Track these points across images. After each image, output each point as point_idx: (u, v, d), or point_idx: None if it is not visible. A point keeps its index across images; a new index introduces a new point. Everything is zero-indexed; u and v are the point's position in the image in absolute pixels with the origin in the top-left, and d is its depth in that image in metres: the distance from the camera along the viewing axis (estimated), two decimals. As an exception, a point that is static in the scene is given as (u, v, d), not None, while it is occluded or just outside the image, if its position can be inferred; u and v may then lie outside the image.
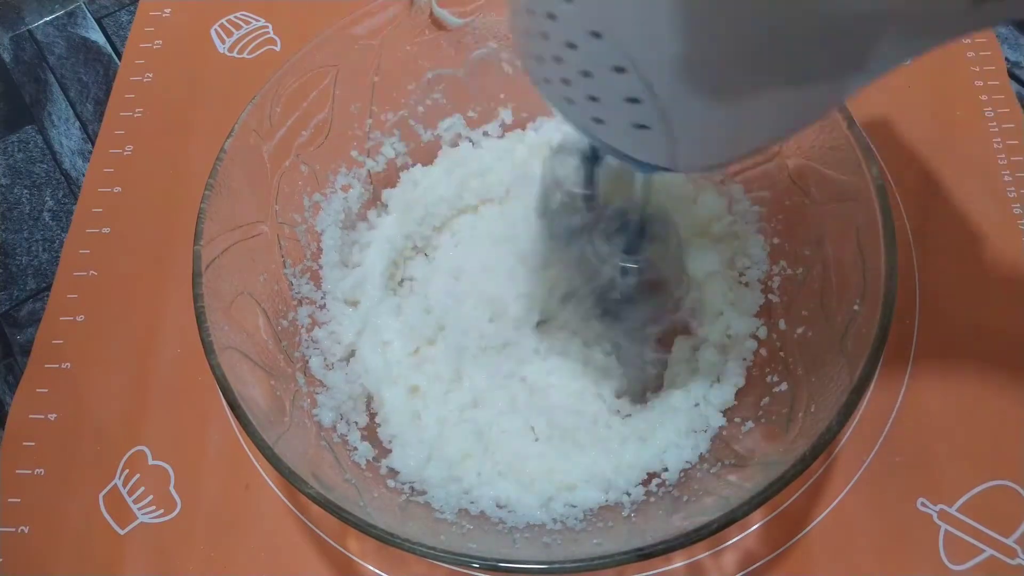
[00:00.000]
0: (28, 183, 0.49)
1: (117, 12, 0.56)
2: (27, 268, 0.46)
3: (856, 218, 0.32)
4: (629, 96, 0.21)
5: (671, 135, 0.22)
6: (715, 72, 0.21)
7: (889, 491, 0.36)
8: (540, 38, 0.22)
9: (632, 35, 0.20)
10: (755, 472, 0.29)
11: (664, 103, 0.21)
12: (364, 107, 0.41)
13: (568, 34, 0.21)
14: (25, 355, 0.43)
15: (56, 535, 0.37)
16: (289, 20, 0.53)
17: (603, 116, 0.23)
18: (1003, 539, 0.35)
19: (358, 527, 0.27)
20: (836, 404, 0.28)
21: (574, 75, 0.22)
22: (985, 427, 0.37)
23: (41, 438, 0.40)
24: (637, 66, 0.21)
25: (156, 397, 0.41)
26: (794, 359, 0.34)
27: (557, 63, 0.22)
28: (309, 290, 0.38)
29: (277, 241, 0.37)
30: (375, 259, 0.41)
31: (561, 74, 0.23)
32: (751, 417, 0.34)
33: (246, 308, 0.34)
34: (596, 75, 0.22)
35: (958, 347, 0.39)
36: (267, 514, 0.37)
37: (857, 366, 0.28)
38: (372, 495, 0.31)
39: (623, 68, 0.21)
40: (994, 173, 0.44)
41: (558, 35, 0.22)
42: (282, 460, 0.28)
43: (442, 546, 0.27)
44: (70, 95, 0.53)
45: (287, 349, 0.35)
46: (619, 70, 0.21)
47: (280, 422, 0.31)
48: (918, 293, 0.40)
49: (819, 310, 0.34)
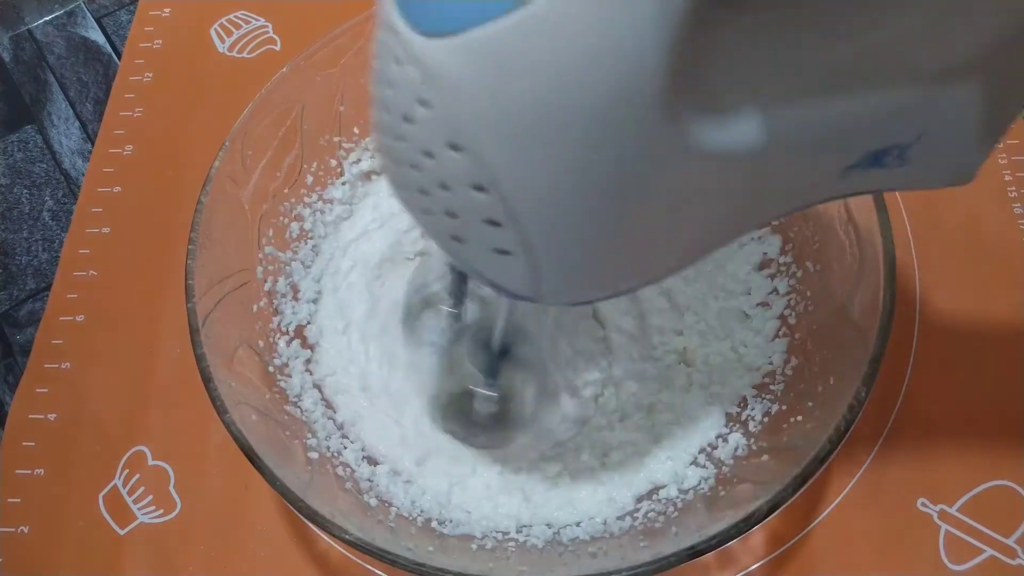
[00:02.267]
0: (28, 183, 0.49)
1: (117, 12, 0.56)
2: (27, 268, 0.46)
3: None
4: (489, 218, 0.19)
5: (534, 266, 0.20)
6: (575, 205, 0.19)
7: (889, 491, 0.36)
8: (396, 140, 0.20)
9: (493, 152, 0.18)
10: (789, 452, 0.29)
11: (527, 231, 0.19)
12: (332, 139, 0.41)
13: (425, 142, 0.19)
14: (25, 355, 0.43)
15: (56, 535, 0.37)
16: (289, 20, 0.53)
17: (462, 235, 0.21)
18: (1003, 539, 0.35)
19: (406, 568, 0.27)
20: (857, 372, 0.28)
21: (431, 185, 0.20)
22: (985, 427, 0.37)
23: (41, 438, 0.40)
24: (498, 187, 0.18)
25: (156, 397, 0.41)
26: (801, 334, 0.34)
27: (414, 170, 0.20)
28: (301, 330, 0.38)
29: (266, 286, 0.37)
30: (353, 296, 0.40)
31: (418, 183, 0.20)
32: (768, 399, 0.34)
33: (247, 360, 0.34)
34: (454, 190, 0.19)
35: (958, 347, 0.39)
36: (267, 514, 0.37)
37: (870, 331, 0.28)
38: (410, 532, 0.31)
39: (483, 187, 0.19)
40: (994, 173, 0.44)
41: (415, 140, 0.19)
42: (319, 512, 0.27)
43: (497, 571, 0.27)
44: (70, 95, 0.53)
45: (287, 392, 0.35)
46: (479, 188, 0.19)
47: (303, 471, 0.31)
48: (918, 293, 0.40)
49: (818, 283, 0.34)
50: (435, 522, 0.33)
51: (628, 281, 0.23)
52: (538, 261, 0.20)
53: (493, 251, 0.20)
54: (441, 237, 0.22)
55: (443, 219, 0.20)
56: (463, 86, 0.17)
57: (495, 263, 0.21)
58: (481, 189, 0.19)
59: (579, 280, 0.22)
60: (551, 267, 0.21)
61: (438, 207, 0.20)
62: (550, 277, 0.21)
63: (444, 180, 0.19)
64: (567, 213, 0.19)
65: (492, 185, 0.18)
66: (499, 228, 0.19)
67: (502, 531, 0.33)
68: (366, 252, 0.41)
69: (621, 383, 0.37)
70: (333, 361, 0.38)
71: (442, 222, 0.21)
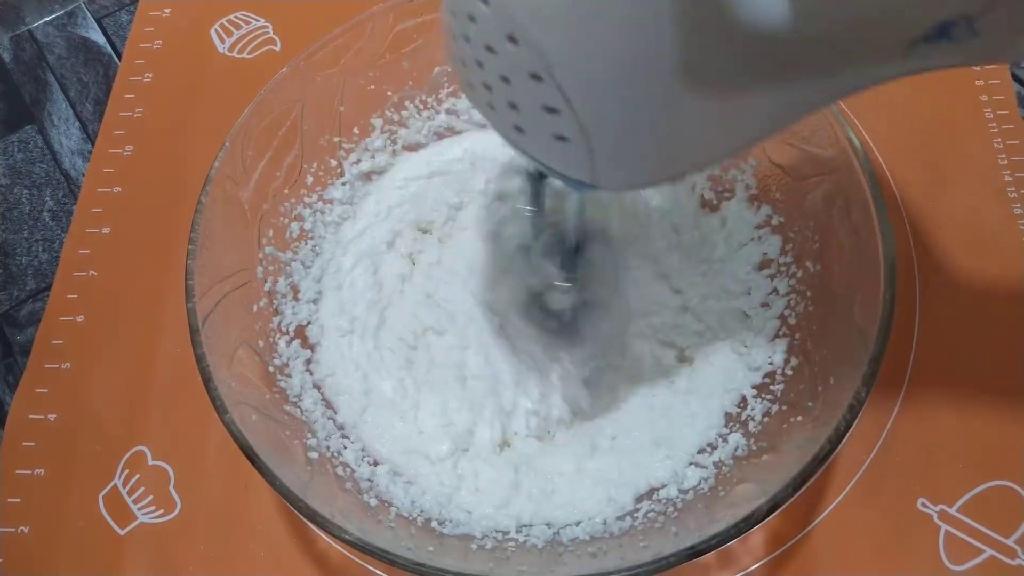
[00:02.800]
0: (28, 183, 0.49)
1: (117, 12, 0.56)
2: (27, 268, 0.46)
3: (843, 189, 0.32)
4: (547, 105, 0.21)
5: (590, 149, 0.22)
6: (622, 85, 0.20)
7: (889, 491, 0.36)
8: (463, 40, 0.22)
9: (546, 41, 0.20)
10: (789, 452, 0.29)
11: (581, 115, 0.21)
12: (332, 139, 0.41)
13: (487, 37, 0.21)
14: (25, 355, 0.43)
15: (56, 535, 0.37)
16: (289, 20, 0.53)
17: (523, 125, 0.23)
18: (1003, 539, 0.35)
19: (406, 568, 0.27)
20: (857, 372, 0.28)
21: (494, 80, 0.22)
22: (985, 427, 0.37)
23: (41, 438, 0.40)
24: (553, 74, 0.20)
25: (156, 397, 0.41)
26: (801, 334, 0.34)
27: (479, 67, 0.22)
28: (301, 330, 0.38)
29: (266, 286, 0.37)
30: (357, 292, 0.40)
31: (483, 78, 0.22)
32: (768, 399, 0.34)
33: (247, 360, 0.34)
34: (514, 81, 0.21)
35: (958, 347, 0.39)
36: (267, 514, 0.37)
37: (870, 332, 0.29)
38: (410, 532, 0.31)
39: (539, 76, 0.20)
40: (994, 173, 0.44)
41: (478, 38, 0.21)
42: (319, 512, 0.28)
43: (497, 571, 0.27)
44: (70, 95, 0.53)
45: (287, 392, 0.35)
46: (536, 77, 0.21)
47: (303, 471, 0.31)
48: (918, 293, 0.40)
49: (818, 284, 0.34)
50: (435, 522, 0.33)
51: (679, 164, 0.24)
52: (593, 144, 0.22)
53: (552, 137, 0.22)
54: (506, 130, 0.23)
55: (507, 111, 0.22)
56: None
57: (555, 150, 0.23)
58: (538, 78, 0.20)
59: (631, 162, 0.23)
60: (605, 150, 0.22)
61: (502, 100, 0.22)
62: (604, 160, 0.22)
63: (505, 72, 0.21)
64: (616, 96, 0.21)
65: (547, 73, 0.20)
66: (556, 115, 0.21)
67: (502, 531, 0.33)
68: (367, 252, 0.41)
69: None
70: (333, 361, 0.38)
71: (507, 115, 0.22)
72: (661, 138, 0.22)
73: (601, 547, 0.31)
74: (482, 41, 0.21)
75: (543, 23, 0.20)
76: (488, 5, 0.20)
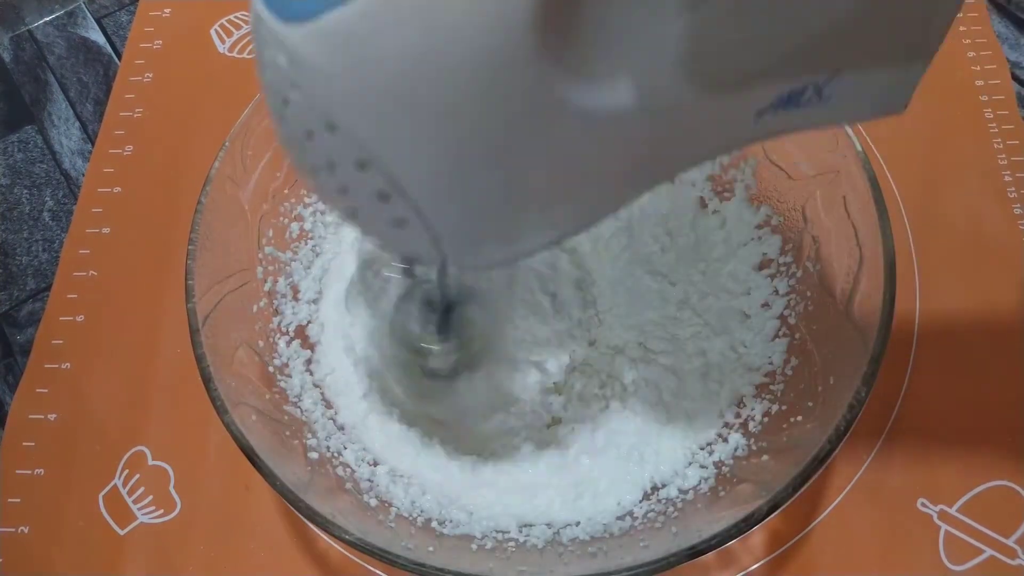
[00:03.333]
0: (28, 183, 0.49)
1: (117, 12, 0.56)
2: (27, 268, 0.46)
3: (843, 189, 0.32)
4: (377, 192, 0.19)
5: (433, 233, 0.20)
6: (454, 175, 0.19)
7: (889, 491, 0.36)
8: (281, 121, 0.20)
9: (366, 131, 0.18)
10: (789, 452, 0.29)
11: (417, 200, 0.19)
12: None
13: (303, 123, 0.19)
14: (25, 355, 0.43)
15: (56, 535, 0.37)
16: (289, 20, 0.53)
17: (357, 210, 0.21)
18: (1003, 539, 0.35)
19: (406, 568, 0.27)
20: (857, 372, 0.28)
21: (319, 165, 0.20)
22: (985, 427, 0.37)
23: (41, 438, 0.40)
24: (379, 162, 0.19)
25: (156, 397, 0.41)
26: (801, 334, 0.34)
27: (301, 151, 0.20)
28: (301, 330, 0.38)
29: (266, 286, 0.37)
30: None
31: (307, 162, 0.20)
32: (768, 399, 0.34)
33: (247, 360, 0.34)
34: (339, 169, 0.19)
35: (958, 347, 0.39)
36: (267, 514, 0.37)
37: (869, 331, 0.29)
38: (410, 532, 0.31)
39: (365, 164, 0.19)
40: (994, 173, 0.44)
41: (295, 122, 0.20)
42: (319, 512, 0.27)
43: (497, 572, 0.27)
44: (70, 95, 0.53)
45: (287, 392, 0.35)
46: (361, 165, 0.19)
47: (303, 471, 0.31)
48: (918, 293, 0.40)
49: (818, 284, 0.34)
50: (435, 522, 0.33)
51: (531, 240, 0.22)
52: (434, 228, 0.20)
53: (390, 222, 0.20)
54: (342, 213, 0.22)
55: (337, 196, 0.21)
56: (325, 69, 0.17)
57: (394, 234, 0.21)
58: (364, 166, 0.19)
59: (479, 242, 0.22)
60: (448, 232, 0.21)
61: (330, 185, 0.20)
62: (450, 241, 0.21)
63: (329, 159, 0.20)
64: (451, 180, 0.19)
65: (373, 161, 0.19)
66: (389, 201, 0.20)
67: (502, 531, 0.33)
68: (367, 251, 0.41)
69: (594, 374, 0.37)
70: (334, 361, 0.38)
71: (337, 200, 0.21)
72: (507, 217, 0.21)
73: (601, 547, 0.31)
74: (300, 126, 0.19)
75: (359, 113, 0.18)
76: (300, 91, 0.19)
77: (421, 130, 0.18)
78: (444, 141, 0.18)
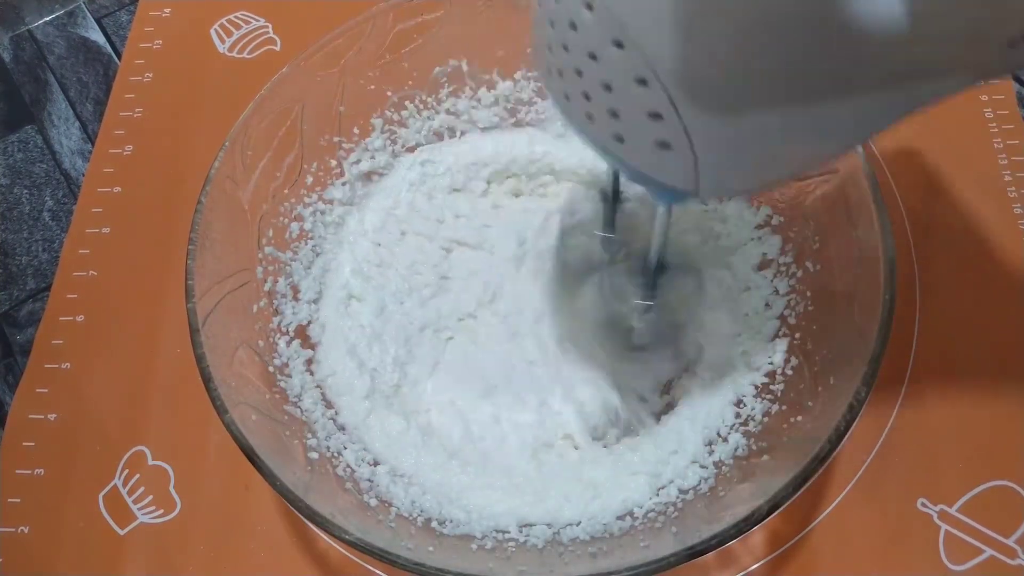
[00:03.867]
0: (28, 183, 0.49)
1: (117, 12, 0.56)
2: (27, 268, 0.46)
3: (843, 189, 0.32)
4: (651, 111, 0.21)
5: (694, 155, 0.22)
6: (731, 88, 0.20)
7: (889, 491, 0.36)
8: (561, 50, 0.22)
9: (655, 44, 0.20)
10: (789, 452, 0.29)
11: (686, 119, 0.21)
12: (332, 139, 0.41)
13: (589, 44, 0.21)
14: (25, 355, 0.43)
15: (56, 535, 0.37)
16: (289, 20, 0.53)
17: (624, 133, 0.22)
18: (1003, 539, 0.35)
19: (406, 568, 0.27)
20: (857, 372, 0.28)
21: (595, 89, 0.22)
22: (985, 427, 0.37)
23: (41, 438, 0.40)
24: (659, 77, 0.20)
25: (156, 397, 0.41)
26: (801, 334, 0.34)
27: (578, 76, 0.22)
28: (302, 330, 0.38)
29: (266, 286, 0.37)
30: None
31: (582, 88, 0.22)
32: (768, 399, 0.34)
33: (247, 360, 0.34)
34: (617, 88, 0.21)
35: (958, 347, 0.39)
36: (267, 514, 0.37)
37: (869, 331, 0.29)
38: (410, 532, 0.31)
39: (645, 80, 0.20)
40: (994, 173, 0.44)
41: (579, 46, 0.21)
42: (319, 513, 0.28)
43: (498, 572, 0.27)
44: (70, 95, 0.53)
45: (287, 392, 0.35)
46: (641, 82, 0.20)
47: (303, 471, 0.31)
48: (918, 293, 0.40)
49: (818, 284, 0.34)
50: (435, 522, 0.33)
51: (777, 171, 0.24)
52: (696, 150, 0.21)
53: (655, 145, 0.22)
54: (605, 139, 0.23)
55: (607, 121, 0.22)
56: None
57: (656, 158, 0.22)
58: (643, 83, 0.20)
59: (733, 169, 0.23)
60: (709, 156, 0.22)
61: (601, 110, 0.22)
62: (707, 166, 0.22)
63: (608, 80, 0.21)
64: (724, 100, 0.20)
65: (654, 77, 0.20)
66: (660, 120, 0.21)
67: (502, 531, 0.33)
68: (367, 251, 0.41)
69: None
70: (334, 361, 0.38)
71: (606, 124, 0.22)
72: (765, 143, 0.22)
73: (601, 547, 0.31)
74: (584, 49, 0.21)
75: (652, 25, 0.19)
76: (593, 11, 0.20)
77: (706, 44, 0.19)
78: (726, 57, 0.19)
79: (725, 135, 0.21)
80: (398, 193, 0.43)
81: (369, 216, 0.42)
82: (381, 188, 0.43)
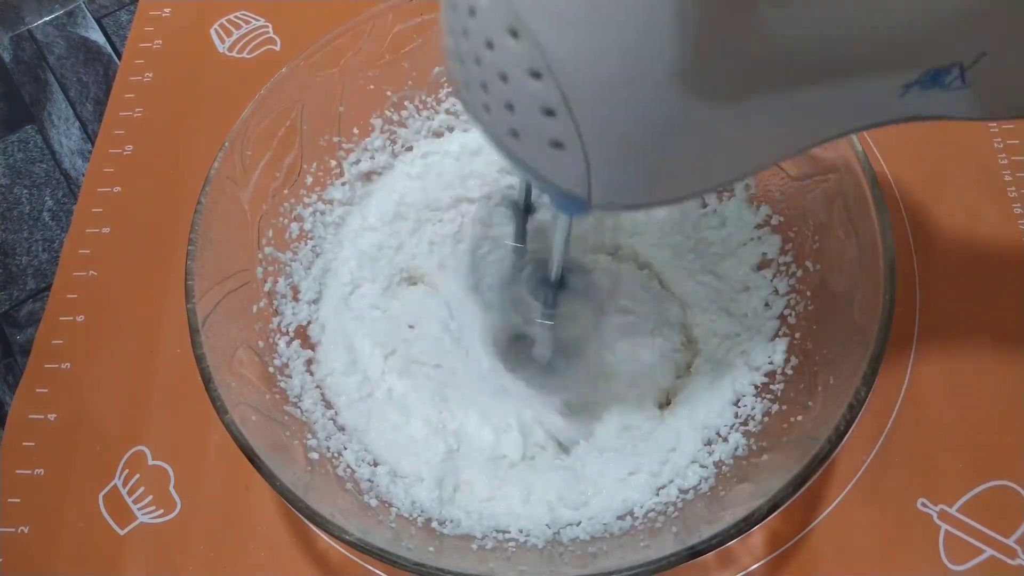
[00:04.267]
0: (28, 183, 0.49)
1: (117, 12, 0.56)
2: (27, 268, 0.46)
3: (843, 189, 0.32)
4: (544, 106, 0.21)
5: (586, 158, 0.21)
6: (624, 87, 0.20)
7: (889, 491, 0.36)
8: (461, 35, 0.21)
9: (548, 36, 0.19)
10: (789, 452, 0.29)
11: (579, 118, 0.20)
12: (332, 139, 0.41)
13: (487, 31, 0.20)
14: (25, 355, 0.43)
15: (56, 535, 0.37)
16: (289, 20, 0.53)
17: (519, 128, 0.22)
18: (1003, 539, 0.35)
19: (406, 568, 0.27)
20: (857, 371, 0.28)
21: (492, 78, 0.21)
22: (985, 427, 0.37)
23: (41, 438, 0.40)
24: (552, 71, 0.20)
25: (156, 397, 0.41)
26: (801, 334, 0.34)
27: (476, 64, 0.21)
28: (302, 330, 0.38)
29: (266, 286, 0.37)
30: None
31: (480, 77, 0.22)
32: (768, 398, 0.34)
33: (247, 360, 0.34)
34: (512, 80, 0.21)
35: (958, 347, 0.39)
36: (267, 514, 0.37)
37: (869, 331, 0.29)
38: (410, 532, 0.31)
39: (539, 73, 0.20)
40: (994, 173, 0.44)
41: (477, 32, 0.21)
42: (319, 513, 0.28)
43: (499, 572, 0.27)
44: (70, 95, 0.53)
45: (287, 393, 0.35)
46: (535, 75, 0.20)
47: (303, 471, 0.31)
48: (918, 293, 0.40)
49: (818, 284, 0.34)
50: (435, 522, 0.33)
51: (677, 186, 0.23)
52: (589, 152, 0.21)
53: (548, 143, 0.22)
54: (501, 134, 0.23)
55: (502, 114, 0.22)
56: None
57: (549, 158, 0.22)
58: (537, 76, 0.20)
59: (628, 176, 0.23)
60: (601, 159, 0.22)
61: (497, 101, 0.22)
62: (600, 171, 0.22)
63: (504, 70, 0.21)
64: (616, 99, 0.20)
65: (547, 70, 0.20)
66: (554, 118, 0.21)
67: (502, 531, 0.33)
68: (368, 252, 0.41)
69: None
70: (334, 362, 0.38)
71: (502, 117, 0.22)
72: (661, 151, 0.22)
73: (601, 547, 0.31)
74: (482, 36, 0.21)
75: (546, 16, 0.19)
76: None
77: (601, 39, 0.19)
78: (622, 56, 0.19)
79: (618, 138, 0.21)
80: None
81: (368, 216, 0.42)
82: (382, 189, 0.43)
